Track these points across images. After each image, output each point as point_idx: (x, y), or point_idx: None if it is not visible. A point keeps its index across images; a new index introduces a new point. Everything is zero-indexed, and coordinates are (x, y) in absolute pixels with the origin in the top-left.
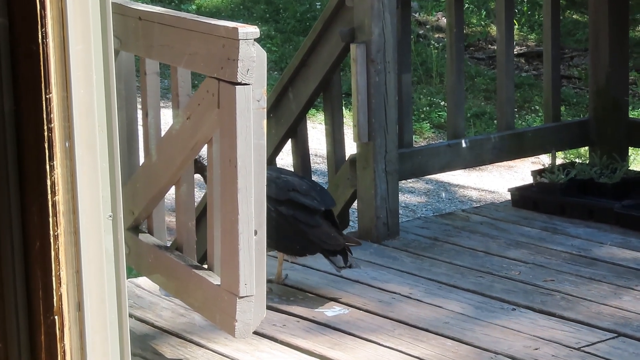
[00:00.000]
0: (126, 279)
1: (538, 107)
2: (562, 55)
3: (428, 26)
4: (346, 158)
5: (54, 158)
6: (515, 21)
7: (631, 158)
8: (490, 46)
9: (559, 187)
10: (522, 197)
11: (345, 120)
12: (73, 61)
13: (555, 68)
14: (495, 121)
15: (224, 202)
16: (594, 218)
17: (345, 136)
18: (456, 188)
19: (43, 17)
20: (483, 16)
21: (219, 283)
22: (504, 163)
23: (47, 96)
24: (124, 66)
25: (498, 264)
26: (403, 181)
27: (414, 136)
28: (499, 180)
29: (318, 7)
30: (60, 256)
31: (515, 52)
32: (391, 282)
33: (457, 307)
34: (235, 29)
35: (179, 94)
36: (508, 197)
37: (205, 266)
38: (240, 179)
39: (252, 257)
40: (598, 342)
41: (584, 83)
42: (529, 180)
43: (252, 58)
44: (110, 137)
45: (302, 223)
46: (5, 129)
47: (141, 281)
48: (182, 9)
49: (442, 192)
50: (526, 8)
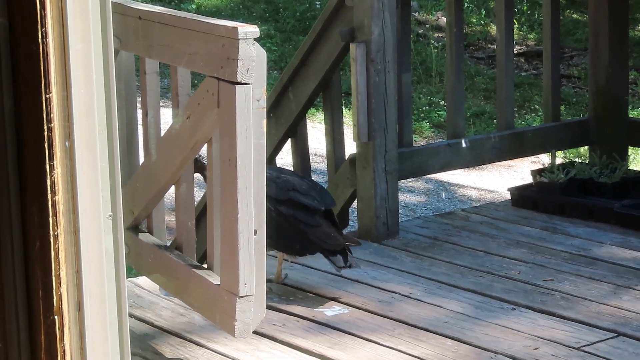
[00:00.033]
0: (126, 279)
1: (538, 107)
2: (562, 54)
3: (428, 25)
4: (346, 158)
5: (54, 158)
6: (515, 20)
7: (631, 158)
8: (490, 45)
9: (559, 187)
10: (522, 197)
11: (345, 119)
12: (73, 61)
13: (555, 67)
14: (494, 121)
15: (224, 202)
16: (594, 218)
17: (345, 136)
18: (456, 187)
19: (43, 17)
20: (483, 15)
21: (219, 283)
22: (504, 162)
23: (47, 96)
24: (124, 66)
25: (498, 264)
26: (403, 180)
27: (414, 135)
28: (499, 179)
29: (318, 7)
30: (60, 256)
31: (515, 52)
32: (391, 282)
33: (457, 307)
34: (235, 29)
35: (179, 94)
36: (508, 197)
37: (205, 266)
38: (240, 179)
39: (252, 257)
40: (598, 342)
41: (584, 82)
42: (529, 179)
43: (252, 57)
44: (110, 137)
45: (302, 223)
46: (5, 129)
47: (141, 281)
48: (182, 8)
49: (442, 192)
50: (526, 7)
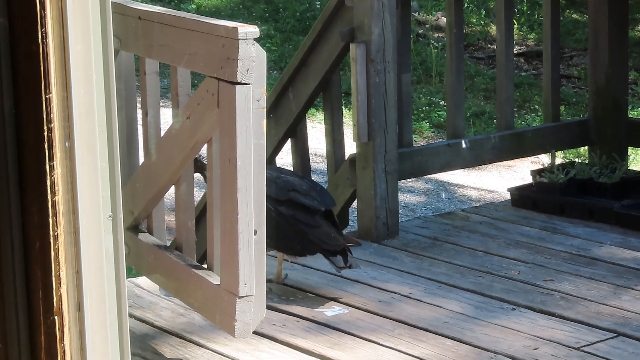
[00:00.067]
0: (126, 279)
1: (538, 107)
2: (562, 54)
3: (428, 25)
4: (346, 158)
5: (54, 158)
6: (514, 21)
7: (631, 158)
8: (489, 46)
9: (559, 187)
10: (522, 197)
11: (344, 119)
12: (73, 61)
13: (554, 68)
14: (494, 121)
15: (224, 202)
16: (594, 218)
17: (344, 136)
18: (456, 187)
19: (43, 17)
20: (483, 16)
21: (219, 283)
22: (504, 163)
23: (47, 96)
24: (124, 66)
25: (497, 264)
26: (402, 180)
27: (414, 135)
28: (499, 179)
29: (318, 7)
30: (60, 256)
31: (514, 52)
32: (391, 282)
33: (457, 307)
34: (235, 29)
35: (179, 94)
36: (507, 197)
37: (204, 266)
38: (239, 179)
39: (252, 257)
40: (597, 342)
41: (584, 83)
42: (529, 179)
43: (252, 58)
44: (110, 137)
45: (302, 223)
46: (5, 129)
47: (141, 281)
48: (182, 8)
49: (442, 192)
50: (526, 7)
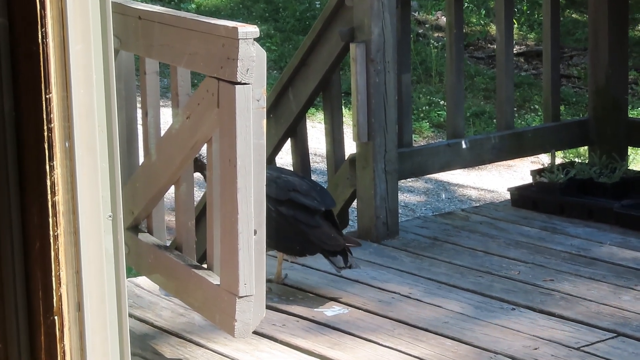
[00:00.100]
0: (126, 279)
1: (537, 107)
2: (562, 54)
3: (427, 25)
4: (346, 157)
5: (54, 158)
6: (514, 20)
7: (630, 158)
8: (489, 45)
9: (559, 187)
10: (522, 197)
11: (344, 119)
12: (73, 61)
13: (554, 67)
14: (494, 120)
15: (224, 202)
16: (594, 218)
17: (344, 136)
18: (455, 187)
19: (43, 17)
20: (482, 15)
21: (219, 283)
22: (504, 162)
23: (47, 96)
24: (124, 66)
25: (497, 264)
26: (402, 180)
27: (413, 135)
28: (499, 179)
29: (317, 6)
30: (60, 256)
31: (514, 52)
32: (391, 282)
33: (457, 307)
34: (235, 29)
35: (179, 94)
36: (507, 197)
37: (204, 266)
38: (239, 179)
39: (252, 257)
40: (597, 342)
41: (584, 82)
42: (529, 179)
43: (252, 57)
44: (110, 137)
45: (303, 223)
46: (5, 129)
47: (141, 281)
48: (182, 8)
49: (442, 192)
50: (526, 7)
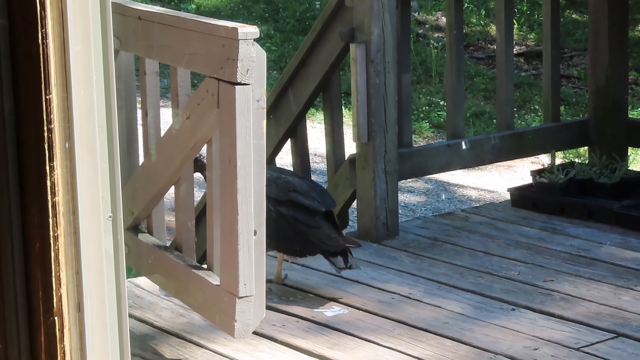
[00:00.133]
0: (126, 280)
1: (537, 107)
2: (562, 54)
3: (427, 25)
4: (346, 158)
5: (54, 159)
6: (514, 21)
7: (630, 158)
8: (489, 46)
9: (559, 187)
10: (522, 197)
11: (344, 120)
12: (73, 62)
13: (554, 68)
14: (494, 121)
15: (224, 202)
16: (594, 218)
17: (344, 136)
18: (455, 188)
19: (43, 18)
20: (482, 16)
21: (219, 283)
22: (504, 163)
23: (47, 97)
24: (124, 66)
25: (497, 264)
26: (402, 181)
27: (413, 136)
28: (498, 179)
29: (317, 7)
30: (60, 257)
31: (514, 52)
32: (390, 282)
33: (457, 307)
34: (234, 29)
35: (179, 94)
36: (507, 197)
37: (204, 266)
38: (239, 179)
39: (252, 257)
40: (597, 343)
41: (584, 83)
42: (529, 180)
43: (252, 58)
44: (110, 138)
45: (303, 224)
46: (5, 130)
47: (141, 281)
48: (182, 8)
49: (442, 192)
50: (526, 7)
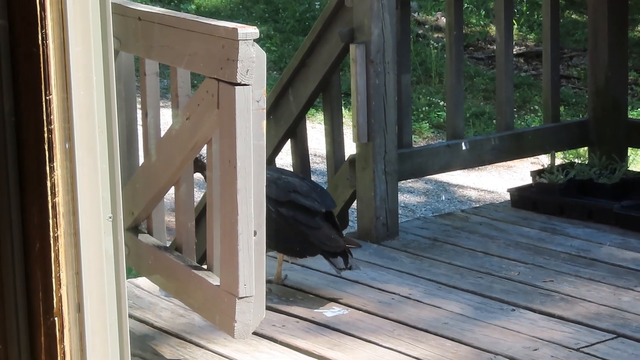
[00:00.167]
0: (126, 280)
1: (537, 107)
2: (562, 55)
3: (427, 26)
4: (345, 158)
5: (54, 159)
6: (514, 21)
7: (630, 158)
8: (489, 46)
9: (558, 188)
10: (522, 198)
11: (344, 120)
12: (73, 62)
13: (554, 68)
14: (494, 121)
15: (224, 203)
16: (593, 219)
17: (344, 136)
18: (455, 188)
19: (43, 19)
20: (482, 16)
21: (219, 284)
22: (503, 163)
23: (47, 97)
24: (124, 67)
25: (497, 265)
26: (402, 181)
27: (413, 136)
28: (498, 180)
29: (317, 7)
30: (60, 257)
31: (514, 52)
32: (390, 283)
33: (457, 308)
34: (234, 30)
35: (179, 94)
36: (507, 198)
37: (204, 267)
38: (239, 180)
39: (252, 258)
40: (597, 343)
41: (583, 83)
42: (528, 180)
43: (252, 59)
44: (110, 139)
45: (303, 224)
46: (5, 130)
47: (141, 281)
48: (182, 9)
49: (442, 193)
50: (525, 8)
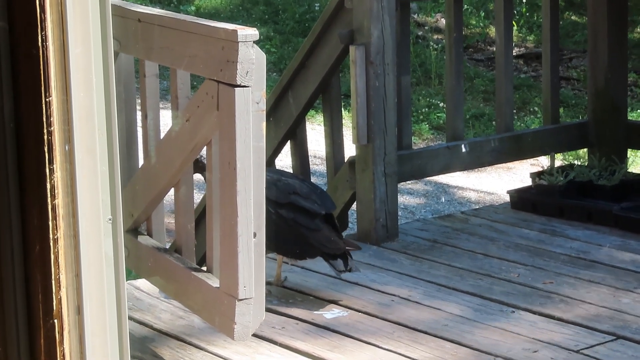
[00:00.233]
0: (125, 282)
1: (537, 109)
2: (561, 56)
3: (427, 27)
4: (345, 160)
5: (54, 161)
6: (514, 22)
7: (630, 160)
8: (489, 47)
9: (558, 189)
10: (521, 199)
11: (344, 122)
12: (73, 64)
13: (554, 70)
14: (494, 123)
15: (223, 205)
16: (593, 220)
17: (344, 138)
18: (455, 189)
19: (43, 21)
20: (482, 17)
21: (218, 285)
22: (503, 165)
23: (47, 99)
24: (124, 68)
25: (497, 266)
26: (402, 183)
27: (413, 137)
28: (498, 181)
29: (317, 9)
30: (59, 259)
31: (514, 54)
32: (390, 285)
33: (456, 310)
34: (234, 31)
35: (178, 96)
36: (507, 199)
37: (204, 268)
38: (239, 182)
39: (251, 260)
40: (597, 345)
41: (583, 85)
42: (528, 182)
43: (252, 60)
44: (110, 141)
45: (303, 227)
46: (5, 132)
47: (140, 283)
48: (181, 10)
49: (441, 194)
50: (525, 9)
